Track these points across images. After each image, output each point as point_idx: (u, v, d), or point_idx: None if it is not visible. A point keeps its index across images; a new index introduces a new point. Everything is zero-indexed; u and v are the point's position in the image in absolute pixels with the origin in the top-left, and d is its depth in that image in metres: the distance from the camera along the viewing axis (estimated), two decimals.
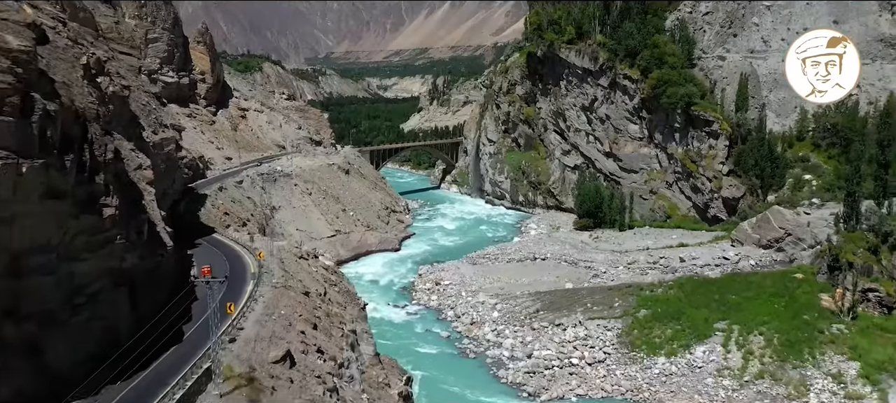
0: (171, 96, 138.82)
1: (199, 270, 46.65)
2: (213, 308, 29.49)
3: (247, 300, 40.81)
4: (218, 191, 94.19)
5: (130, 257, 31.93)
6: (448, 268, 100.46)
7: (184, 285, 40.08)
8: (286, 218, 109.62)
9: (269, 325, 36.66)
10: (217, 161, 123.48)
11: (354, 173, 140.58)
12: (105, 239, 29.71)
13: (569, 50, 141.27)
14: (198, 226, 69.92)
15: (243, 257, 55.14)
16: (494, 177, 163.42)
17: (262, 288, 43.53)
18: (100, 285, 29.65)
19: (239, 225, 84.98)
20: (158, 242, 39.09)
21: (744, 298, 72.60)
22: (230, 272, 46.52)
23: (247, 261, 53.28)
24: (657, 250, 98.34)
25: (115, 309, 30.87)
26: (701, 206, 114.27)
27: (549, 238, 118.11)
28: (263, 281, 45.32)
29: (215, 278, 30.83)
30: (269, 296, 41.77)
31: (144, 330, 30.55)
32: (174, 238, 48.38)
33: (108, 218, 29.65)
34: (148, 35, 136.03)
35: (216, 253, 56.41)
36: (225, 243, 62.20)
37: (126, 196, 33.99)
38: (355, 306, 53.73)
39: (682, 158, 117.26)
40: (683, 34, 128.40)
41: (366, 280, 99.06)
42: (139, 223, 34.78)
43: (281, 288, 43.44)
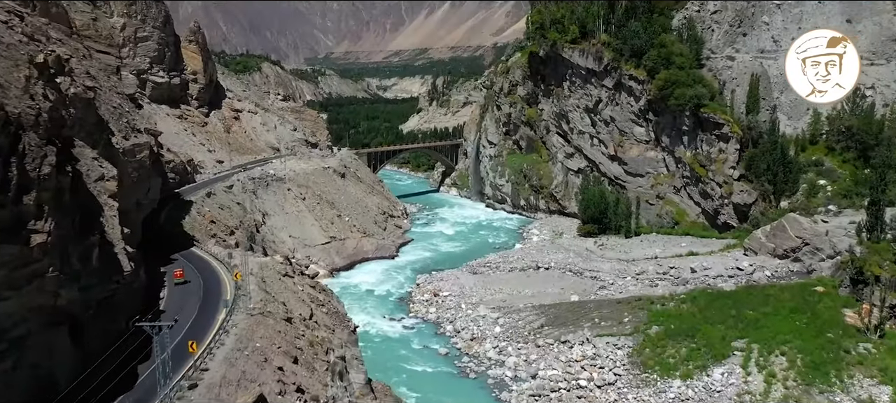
0: (161, 97, 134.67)
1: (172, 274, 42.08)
2: (161, 359, 24.91)
3: (216, 332, 36.14)
4: (205, 196, 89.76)
5: (68, 291, 27.30)
6: (447, 278, 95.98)
7: (152, 309, 35.61)
8: (278, 225, 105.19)
9: (239, 364, 32.10)
10: (207, 164, 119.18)
11: (351, 177, 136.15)
12: (32, 273, 25.14)
13: (572, 49, 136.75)
14: (180, 237, 65.43)
15: (220, 276, 50.55)
16: (495, 180, 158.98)
17: (236, 317, 38.95)
18: (26, 327, 25.08)
19: (227, 234, 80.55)
20: (114, 267, 34.56)
21: (762, 314, 68.05)
22: (204, 293, 41.95)
23: (223, 282, 48.67)
24: (666, 259, 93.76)
25: (48, 353, 26.33)
26: (710, 212, 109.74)
27: (553, 245, 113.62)
28: (239, 307, 40.73)
29: (164, 322, 26.21)
30: (243, 326, 37.19)
31: (90, 371, 25.99)
32: (149, 253, 43.99)
33: (38, 246, 25.09)
34: (137, 34, 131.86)
35: (189, 273, 51.68)
36: (203, 259, 57.50)
37: (72, 215, 29.46)
38: (345, 329, 49.24)
39: (690, 162, 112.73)
40: (691, 33, 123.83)
41: (361, 290, 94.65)
42: (86, 247, 30.25)
43: (258, 316, 38.88)
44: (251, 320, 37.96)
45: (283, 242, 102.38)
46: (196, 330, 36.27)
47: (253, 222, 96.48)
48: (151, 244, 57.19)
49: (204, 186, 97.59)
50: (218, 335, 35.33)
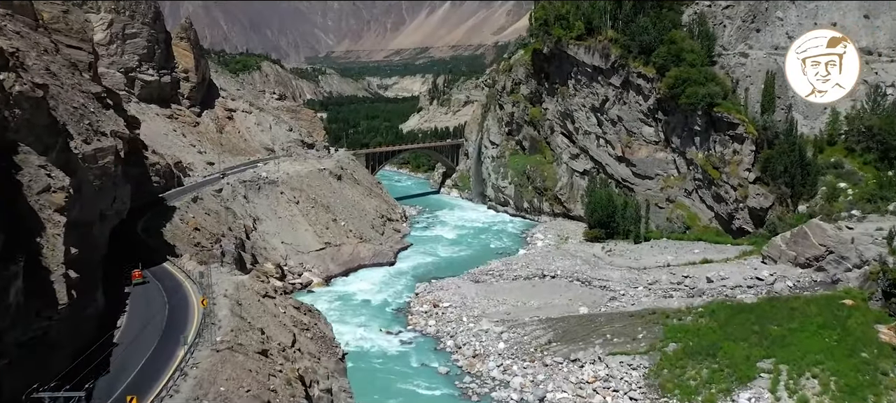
0: (151, 96, 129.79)
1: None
2: None
3: (170, 377, 30.73)
4: (191, 202, 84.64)
5: None
6: (447, 286, 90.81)
7: (107, 344, 30.48)
8: (270, 231, 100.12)
9: None
10: (197, 166, 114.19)
11: (347, 179, 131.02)
12: None
13: (577, 46, 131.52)
14: (157, 250, 60.24)
15: (190, 300, 44.79)
16: (497, 181, 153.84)
17: (199, 353, 33.65)
18: None
19: (212, 242, 75.44)
20: (46, 300, 29.33)
21: (788, 330, 62.89)
22: (167, 323, 36.63)
23: (192, 306, 42.86)
24: (679, 267, 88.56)
25: None
26: (724, 217, 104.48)
27: (558, 250, 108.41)
28: (204, 341, 35.39)
29: (73, 394, 21.02)
30: (206, 366, 31.93)
31: None
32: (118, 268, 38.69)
33: None
34: (125, 30, 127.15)
35: (155, 294, 46.08)
36: (174, 277, 51.69)
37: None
38: (332, 356, 44.16)
39: (702, 164, 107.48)
40: (702, 29, 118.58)
41: (357, 299, 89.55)
42: (3, 280, 25.06)
43: (226, 351, 33.60)
44: (216, 357, 32.49)
45: (274, 249, 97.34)
46: (146, 375, 30.87)
47: (243, 228, 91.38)
48: (123, 258, 52.26)
49: (191, 190, 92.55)
50: (172, 380, 29.97)
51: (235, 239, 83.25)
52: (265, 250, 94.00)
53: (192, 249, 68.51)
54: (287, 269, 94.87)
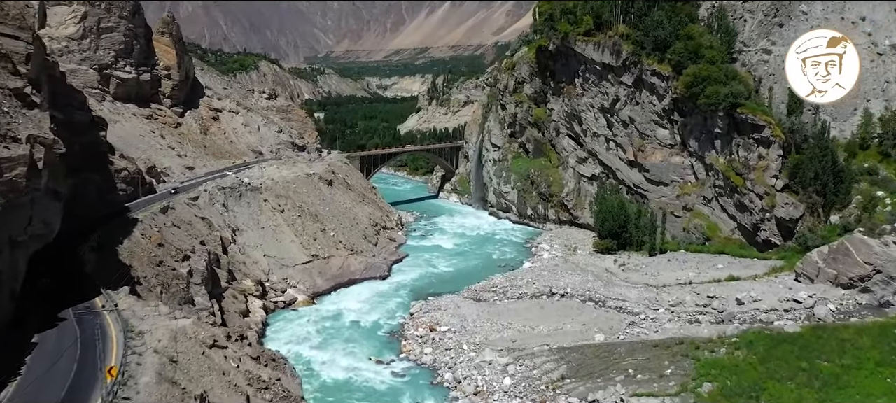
0: (128, 94, 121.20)
1: None
2: None
3: None
4: (159, 212, 75.73)
5: None
6: (446, 306, 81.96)
7: None
8: (251, 242, 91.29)
9: None
10: (175, 171, 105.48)
11: (339, 184, 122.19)
12: None
13: (586, 43, 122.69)
14: (103, 275, 51.18)
15: (107, 361, 34.75)
16: (499, 186, 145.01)
17: None
18: None
19: (179, 260, 66.57)
20: None
21: (841, 367, 54.20)
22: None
23: (101, 372, 32.65)
24: (703, 285, 79.77)
25: None
26: (748, 228, 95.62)
27: (566, 264, 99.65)
28: None
29: None
30: None
31: None
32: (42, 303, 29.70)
33: None
34: (101, 24, 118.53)
35: (64, 351, 36.07)
36: (98, 320, 41.16)
37: None
38: None
39: (724, 170, 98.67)
40: (722, 24, 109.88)
41: (346, 320, 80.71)
42: None
43: None
44: None
45: (256, 262, 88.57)
46: None
47: (219, 241, 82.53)
48: (65, 288, 43.60)
49: (162, 198, 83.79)
50: None
51: (210, 254, 74.38)
52: (245, 264, 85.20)
53: (153, 270, 59.71)
54: (269, 285, 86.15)
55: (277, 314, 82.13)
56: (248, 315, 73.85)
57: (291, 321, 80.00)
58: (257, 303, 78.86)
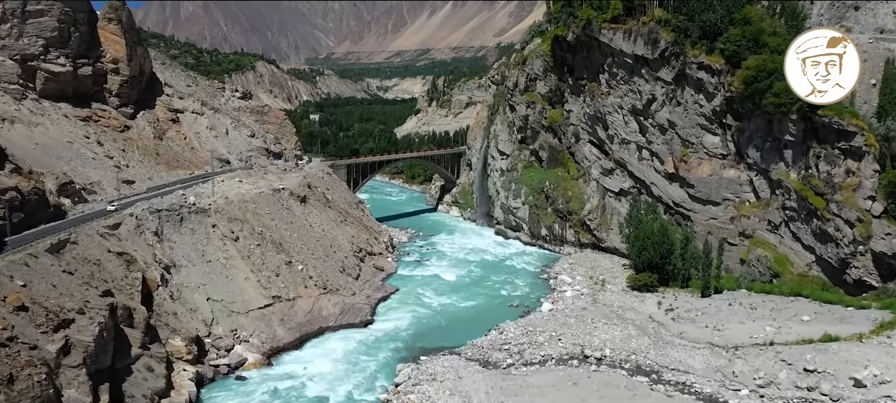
0: (59, 92, 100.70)
1: None
2: None
3: None
4: (45, 251, 54.62)
5: None
6: (443, 375, 60.83)
7: None
8: (191, 282, 70.22)
9: None
10: (106, 187, 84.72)
11: (316, 201, 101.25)
12: None
13: (613, 31, 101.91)
14: None
15: None
16: (507, 201, 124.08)
17: None
18: None
19: (52, 328, 45.54)
20: None
21: None
22: None
23: None
24: (791, 347, 58.58)
25: None
26: (834, 263, 74.31)
27: (597, 306, 78.56)
28: None
29: None
30: None
31: None
32: None
33: None
34: (26, 6, 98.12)
35: None
36: None
37: None
38: None
39: (798, 188, 77.51)
40: (787, 5, 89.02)
41: (309, 393, 59.82)
42: None
43: None
44: None
45: (194, 310, 67.58)
46: None
47: (140, 285, 61.44)
48: None
49: (64, 228, 62.85)
50: None
51: (115, 309, 53.25)
52: (176, 316, 64.15)
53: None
54: (210, 342, 65.27)
55: (217, 383, 61.31)
56: (166, 396, 52.91)
57: (233, 395, 59.17)
58: (187, 373, 58.01)
